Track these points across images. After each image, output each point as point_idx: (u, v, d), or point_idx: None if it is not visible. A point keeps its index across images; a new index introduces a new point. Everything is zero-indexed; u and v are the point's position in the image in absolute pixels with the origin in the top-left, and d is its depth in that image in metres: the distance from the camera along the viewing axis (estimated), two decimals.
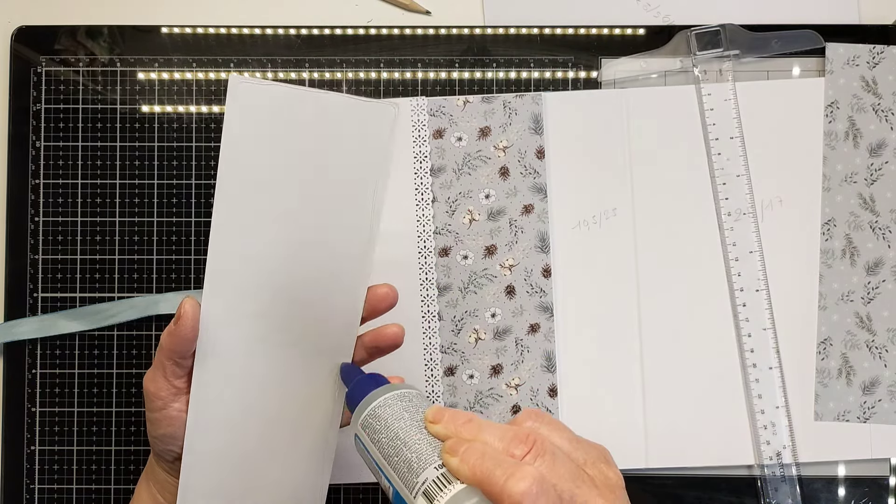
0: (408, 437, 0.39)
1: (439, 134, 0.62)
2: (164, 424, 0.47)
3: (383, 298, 0.49)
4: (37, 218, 0.62)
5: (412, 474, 0.37)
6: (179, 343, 0.45)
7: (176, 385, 0.46)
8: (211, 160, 0.63)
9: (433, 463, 0.37)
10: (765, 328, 0.61)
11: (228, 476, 0.48)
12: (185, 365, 0.46)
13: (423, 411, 0.40)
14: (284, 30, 0.63)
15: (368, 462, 0.41)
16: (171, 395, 0.46)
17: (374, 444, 0.40)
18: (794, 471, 0.60)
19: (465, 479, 0.36)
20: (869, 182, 0.61)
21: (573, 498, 0.35)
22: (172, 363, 0.46)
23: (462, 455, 0.36)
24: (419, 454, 0.38)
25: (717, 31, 0.62)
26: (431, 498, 0.36)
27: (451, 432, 0.38)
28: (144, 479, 0.52)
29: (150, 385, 0.47)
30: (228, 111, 0.44)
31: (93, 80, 0.63)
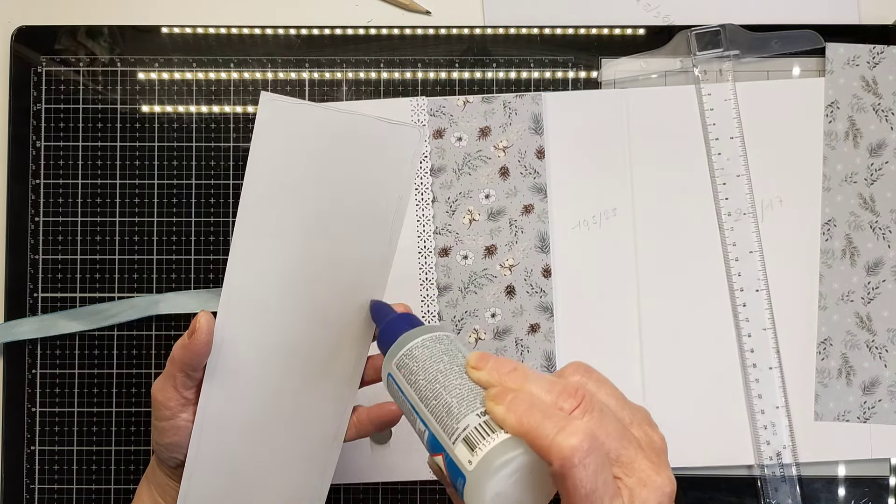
0: (447, 381, 0.37)
1: (439, 134, 0.62)
2: (170, 434, 0.47)
3: None
4: (37, 218, 0.62)
5: (452, 419, 0.36)
6: (192, 357, 0.45)
7: (185, 396, 0.46)
8: (211, 160, 0.63)
9: (475, 410, 0.36)
10: (765, 328, 0.61)
11: (228, 485, 0.48)
12: (196, 377, 0.46)
13: (464, 356, 0.39)
14: (284, 30, 0.63)
15: (401, 403, 0.40)
16: (180, 405, 0.46)
17: (411, 385, 0.38)
18: (794, 471, 0.60)
19: (511, 428, 0.34)
20: (869, 182, 0.61)
21: (619, 457, 0.35)
22: (183, 375, 0.45)
23: (508, 404, 0.35)
24: (460, 399, 0.36)
25: (717, 31, 0.62)
26: (473, 445, 0.35)
27: (494, 380, 0.37)
28: (146, 481, 0.52)
29: (158, 395, 0.46)
30: (258, 128, 0.44)
31: (93, 80, 0.63)
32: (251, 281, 0.46)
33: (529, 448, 0.34)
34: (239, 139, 0.63)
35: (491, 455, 0.34)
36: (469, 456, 0.35)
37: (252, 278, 0.46)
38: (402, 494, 0.61)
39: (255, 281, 0.46)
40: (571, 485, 0.32)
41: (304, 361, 0.47)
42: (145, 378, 0.62)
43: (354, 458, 0.60)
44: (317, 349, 0.47)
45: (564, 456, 0.32)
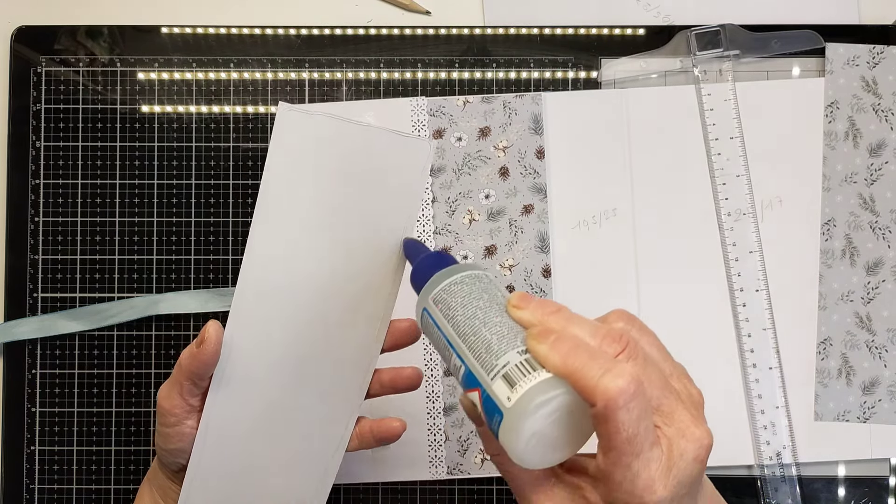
0: (487, 318, 0.37)
1: (439, 134, 0.62)
2: (175, 440, 0.47)
3: (406, 333, 0.48)
4: (37, 218, 0.62)
5: (491, 355, 0.35)
6: (200, 366, 0.45)
7: (191, 403, 0.46)
8: (211, 160, 0.63)
9: (516, 348, 0.35)
10: (765, 328, 0.61)
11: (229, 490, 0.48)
12: (202, 385, 0.46)
13: (503, 296, 0.38)
14: (284, 30, 0.63)
15: (436, 339, 0.39)
16: (185, 412, 0.46)
17: (448, 320, 0.38)
18: (794, 471, 0.60)
19: (554, 368, 0.33)
20: (869, 182, 0.61)
21: (660, 406, 0.34)
22: (190, 383, 0.45)
23: (552, 344, 0.34)
24: (500, 336, 0.36)
25: (717, 31, 0.62)
26: (513, 382, 0.34)
27: (537, 320, 0.36)
28: (147, 482, 0.52)
29: (164, 402, 0.46)
30: (274, 138, 0.45)
31: (93, 80, 0.63)
32: (263, 291, 0.46)
33: (571, 389, 0.33)
34: (239, 139, 0.63)
35: (531, 393, 0.33)
36: (508, 393, 0.34)
37: (264, 288, 0.46)
38: (402, 494, 0.61)
39: (266, 291, 0.46)
40: (613, 427, 0.32)
41: (311, 373, 0.47)
42: (145, 378, 0.62)
43: (354, 458, 0.60)
44: (324, 361, 0.47)
45: (609, 397, 0.32)
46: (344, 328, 0.47)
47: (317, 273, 0.46)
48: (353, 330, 0.47)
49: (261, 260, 0.46)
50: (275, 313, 0.46)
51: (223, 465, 0.47)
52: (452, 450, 0.61)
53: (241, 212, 0.62)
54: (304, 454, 0.48)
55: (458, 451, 0.61)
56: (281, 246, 0.46)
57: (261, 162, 0.63)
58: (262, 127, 0.63)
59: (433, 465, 0.61)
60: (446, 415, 0.61)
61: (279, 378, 0.47)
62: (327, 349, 0.47)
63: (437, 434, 0.61)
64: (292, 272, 0.46)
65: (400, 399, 0.60)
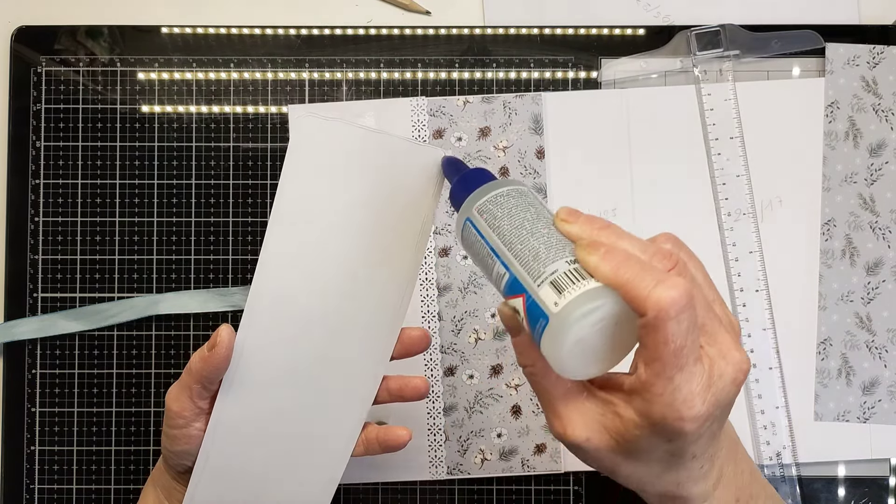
0: (535, 228, 0.37)
1: (439, 134, 0.62)
2: (182, 442, 0.47)
3: (417, 341, 0.48)
4: (37, 218, 0.62)
5: (539, 263, 0.35)
6: (212, 370, 0.45)
7: (200, 406, 0.46)
8: (211, 160, 0.63)
9: (564, 257, 0.35)
10: (765, 328, 0.61)
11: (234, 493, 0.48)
12: (212, 388, 0.46)
13: (550, 211, 0.38)
14: (284, 30, 0.63)
15: (478, 249, 0.39)
16: (194, 415, 0.46)
17: (493, 229, 0.38)
18: (794, 471, 0.60)
19: (605, 278, 0.34)
20: (869, 182, 0.61)
21: (704, 325, 0.35)
22: (200, 386, 0.45)
23: (603, 255, 0.34)
24: (548, 246, 0.36)
25: (717, 32, 0.62)
26: (561, 289, 0.34)
27: (586, 234, 0.36)
28: (151, 483, 0.52)
29: (173, 404, 0.46)
30: (291, 145, 0.45)
31: (93, 80, 0.63)
32: (276, 295, 0.46)
33: (619, 299, 0.34)
34: (239, 139, 0.63)
35: (580, 299, 0.34)
36: (556, 298, 0.34)
37: (278, 293, 0.46)
38: (402, 494, 0.61)
39: (280, 295, 0.46)
40: (662, 338, 0.32)
41: (320, 378, 0.47)
42: (145, 378, 0.62)
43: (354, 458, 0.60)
44: (334, 367, 0.47)
45: (662, 307, 0.32)
46: (355, 335, 0.47)
47: (330, 278, 0.46)
48: (364, 337, 0.47)
49: (276, 263, 0.46)
50: (287, 318, 0.46)
51: (229, 468, 0.47)
52: (452, 450, 0.61)
53: (241, 212, 0.62)
54: (311, 459, 0.48)
55: (458, 451, 0.61)
56: (296, 249, 0.46)
57: (261, 162, 0.63)
58: (262, 127, 0.63)
59: (433, 465, 0.61)
60: (446, 415, 0.61)
61: (289, 383, 0.47)
62: (338, 355, 0.47)
63: (437, 434, 0.61)
64: (306, 277, 0.46)
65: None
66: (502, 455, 0.61)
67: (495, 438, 0.61)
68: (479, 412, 0.61)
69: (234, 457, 0.47)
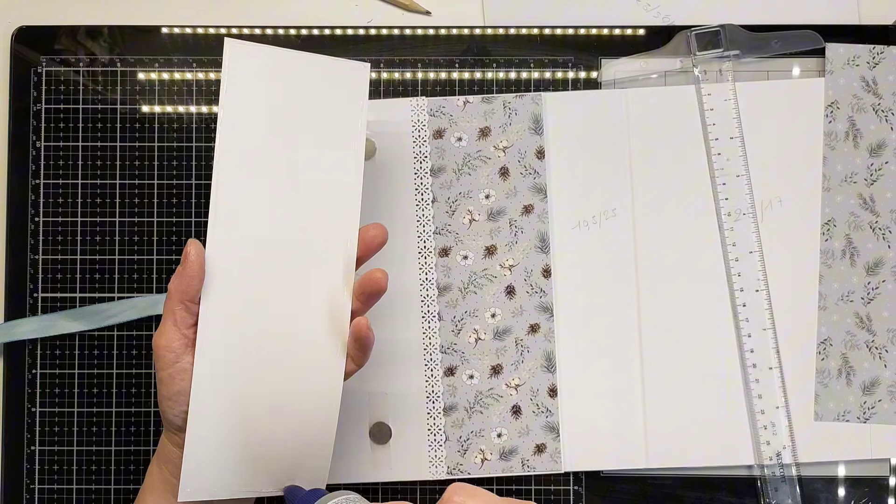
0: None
1: (439, 134, 0.62)
2: (176, 380, 0.47)
3: (374, 238, 0.51)
4: (37, 218, 0.62)
5: None
6: (189, 283, 0.46)
7: (186, 334, 0.47)
8: (210, 160, 0.62)
9: None
10: (765, 328, 0.61)
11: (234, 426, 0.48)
12: (194, 311, 0.47)
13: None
14: (284, 30, 0.63)
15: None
16: (183, 345, 0.47)
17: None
18: (794, 471, 0.60)
19: None
20: (869, 182, 0.61)
21: None
22: (182, 307, 0.47)
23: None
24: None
25: (717, 32, 0.62)
26: None
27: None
28: (156, 461, 0.52)
29: (160, 340, 0.47)
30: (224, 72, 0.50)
31: (93, 80, 0.63)
32: (235, 209, 0.49)
33: None
34: None
35: None
36: None
37: (234, 206, 0.49)
38: (402, 494, 0.61)
39: (237, 208, 0.49)
40: None
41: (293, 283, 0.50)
42: (145, 378, 0.62)
43: (354, 458, 0.61)
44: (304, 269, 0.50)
45: None
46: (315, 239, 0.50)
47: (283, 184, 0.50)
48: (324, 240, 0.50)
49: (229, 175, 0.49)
50: (250, 226, 0.49)
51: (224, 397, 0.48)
52: (452, 450, 0.61)
53: None
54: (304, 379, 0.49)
55: (458, 451, 0.61)
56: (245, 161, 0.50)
57: None
58: None
59: (433, 465, 0.61)
60: (446, 415, 0.61)
61: (267, 290, 0.49)
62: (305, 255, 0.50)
63: (437, 434, 0.61)
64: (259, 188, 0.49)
65: (400, 399, 0.61)
66: (502, 455, 0.61)
67: (495, 438, 0.61)
68: (479, 412, 0.61)
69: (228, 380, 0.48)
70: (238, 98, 0.50)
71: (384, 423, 0.61)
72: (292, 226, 0.50)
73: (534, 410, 0.61)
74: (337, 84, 0.52)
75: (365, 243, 0.51)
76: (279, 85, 0.51)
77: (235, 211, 0.49)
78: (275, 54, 0.51)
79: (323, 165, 0.51)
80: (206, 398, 0.48)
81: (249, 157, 0.50)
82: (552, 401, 0.61)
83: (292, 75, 0.51)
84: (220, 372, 0.48)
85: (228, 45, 0.50)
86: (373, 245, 0.51)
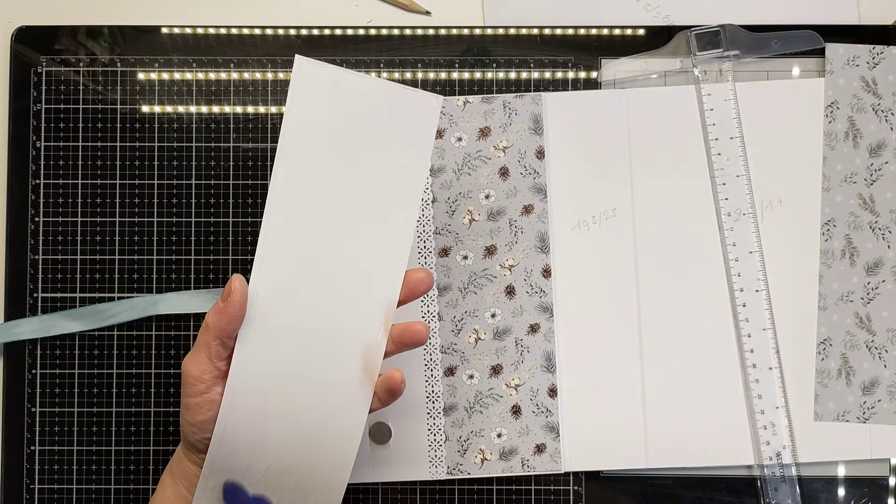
0: None
1: (439, 134, 0.62)
2: (204, 409, 0.46)
3: (420, 282, 0.49)
4: (37, 218, 0.62)
5: None
6: (229, 321, 0.45)
7: (218, 367, 0.46)
8: (211, 160, 0.63)
9: None
10: (765, 328, 0.61)
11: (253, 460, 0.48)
12: (229, 346, 0.46)
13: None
14: (284, 30, 0.63)
15: None
16: (214, 377, 0.46)
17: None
18: (794, 471, 0.60)
19: None
20: (869, 182, 0.61)
21: None
22: (218, 343, 0.45)
23: None
24: None
25: (717, 32, 0.62)
26: None
27: None
28: (169, 474, 0.51)
29: (192, 368, 0.46)
30: (292, 88, 0.48)
31: (93, 80, 0.63)
32: (284, 242, 0.47)
33: None
34: (239, 139, 0.63)
35: None
36: None
37: (285, 239, 0.47)
38: (402, 494, 0.61)
39: (287, 241, 0.47)
40: None
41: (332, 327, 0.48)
42: (145, 378, 0.62)
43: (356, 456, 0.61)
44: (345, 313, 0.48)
45: None
46: (362, 277, 0.48)
47: (334, 222, 0.48)
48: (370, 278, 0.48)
49: (282, 210, 0.47)
50: (297, 263, 0.47)
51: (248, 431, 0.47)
52: (452, 450, 0.61)
53: (241, 212, 0.62)
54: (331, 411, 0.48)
55: (458, 451, 0.61)
56: (300, 195, 0.48)
57: (261, 162, 0.63)
58: (262, 127, 0.63)
59: (433, 465, 0.61)
60: (446, 415, 0.61)
61: (305, 330, 0.48)
62: (346, 298, 0.48)
63: (437, 434, 0.61)
64: (311, 222, 0.48)
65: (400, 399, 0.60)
66: (502, 455, 0.61)
67: (495, 438, 0.61)
68: (479, 412, 0.61)
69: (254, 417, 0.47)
70: (301, 120, 0.48)
71: (384, 423, 0.61)
72: (339, 263, 0.48)
73: (534, 410, 0.61)
74: (405, 115, 0.49)
75: (409, 288, 0.49)
76: (345, 110, 0.49)
77: (285, 243, 0.47)
78: (345, 78, 0.49)
79: (378, 200, 0.49)
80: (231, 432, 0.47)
81: (306, 185, 0.48)
82: (552, 401, 0.61)
83: (360, 101, 0.49)
84: (248, 407, 0.47)
85: (298, 62, 0.48)
86: (417, 291, 0.49)
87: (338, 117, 0.48)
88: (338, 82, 0.49)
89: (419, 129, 0.49)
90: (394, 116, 0.49)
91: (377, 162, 0.49)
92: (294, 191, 0.48)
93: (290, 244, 0.47)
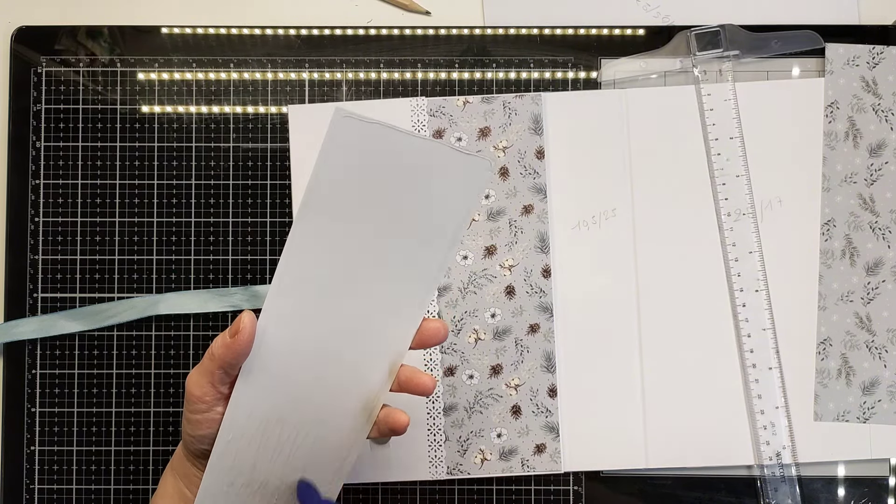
0: None
1: (439, 134, 0.62)
2: (204, 426, 0.47)
3: (436, 332, 0.48)
4: (37, 218, 0.62)
5: None
6: (234, 356, 0.45)
7: (221, 391, 0.47)
8: (211, 160, 0.63)
9: None
10: (765, 328, 0.61)
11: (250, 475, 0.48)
12: (233, 374, 0.47)
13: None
14: (284, 30, 0.63)
15: None
16: (215, 400, 0.47)
17: None
18: (794, 471, 0.60)
19: None
20: (869, 182, 0.61)
21: None
22: (222, 372, 0.46)
23: None
24: None
25: (717, 32, 0.62)
26: None
27: None
28: (171, 471, 0.51)
29: (195, 389, 0.47)
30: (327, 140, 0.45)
31: (93, 81, 0.63)
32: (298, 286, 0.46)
33: None
34: (239, 139, 0.63)
35: None
36: None
37: (301, 286, 0.46)
38: (402, 494, 0.61)
39: (301, 287, 0.46)
40: None
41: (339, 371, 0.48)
42: (145, 378, 0.62)
43: None
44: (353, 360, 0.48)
45: None
46: (375, 330, 0.47)
47: (354, 273, 0.47)
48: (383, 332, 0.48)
49: (300, 255, 0.46)
50: (310, 308, 0.47)
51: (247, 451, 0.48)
52: (452, 450, 0.61)
53: (241, 212, 0.62)
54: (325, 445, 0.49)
55: (458, 451, 0.61)
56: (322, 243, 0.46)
57: (261, 162, 0.63)
58: (262, 127, 0.63)
59: (433, 465, 0.61)
60: (446, 415, 0.61)
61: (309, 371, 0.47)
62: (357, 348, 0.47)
63: (437, 434, 0.61)
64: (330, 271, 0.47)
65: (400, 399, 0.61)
66: (502, 455, 0.61)
67: (495, 438, 0.61)
68: (478, 412, 0.61)
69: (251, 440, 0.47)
70: (333, 172, 0.45)
71: None
72: (352, 316, 0.47)
73: (533, 410, 0.61)
74: (449, 177, 0.45)
75: (422, 338, 0.48)
76: (382, 164, 0.45)
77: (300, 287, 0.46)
78: (387, 135, 0.45)
79: (404, 260, 0.46)
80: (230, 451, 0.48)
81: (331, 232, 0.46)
82: (552, 401, 0.61)
83: (401, 158, 0.45)
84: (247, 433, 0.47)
85: (337, 115, 0.44)
86: (430, 342, 0.48)
87: (373, 171, 0.45)
88: (379, 138, 0.45)
89: (462, 194, 0.46)
90: (436, 176, 0.45)
91: (410, 221, 0.46)
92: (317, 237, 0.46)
93: (306, 289, 0.47)
